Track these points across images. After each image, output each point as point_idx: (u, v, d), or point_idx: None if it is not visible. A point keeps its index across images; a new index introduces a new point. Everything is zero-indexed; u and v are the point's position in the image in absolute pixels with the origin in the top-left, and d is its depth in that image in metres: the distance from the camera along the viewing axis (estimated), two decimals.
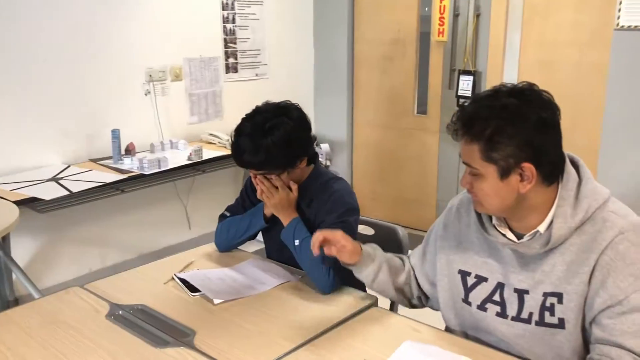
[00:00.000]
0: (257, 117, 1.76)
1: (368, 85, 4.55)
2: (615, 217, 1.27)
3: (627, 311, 1.22)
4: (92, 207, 3.33)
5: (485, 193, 1.31)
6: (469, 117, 1.29)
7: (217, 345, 1.45)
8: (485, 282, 1.42)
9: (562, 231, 1.28)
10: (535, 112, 1.25)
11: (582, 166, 1.34)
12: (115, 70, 3.49)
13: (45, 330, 1.52)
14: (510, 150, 1.24)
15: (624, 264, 1.23)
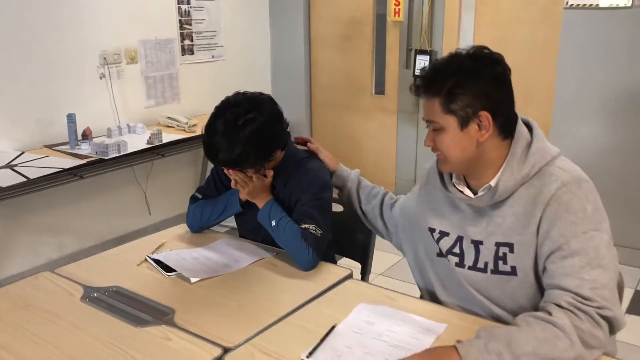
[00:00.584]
0: (227, 113, 1.70)
1: (325, 65, 4.56)
2: (560, 172, 1.36)
3: (567, 255, 1.31)
4: (49, 194, 3.24)
5: (447, 145, 1.41)
6: (429, 75, 1.41)
7: (198, 322, 1.45)
8: (447, 236, 1.53)
9: (508, 183, 1.38)
10: (488, 68, 1.38)
11: (535, 128, 1.44)
12: (68, 53, 3.38)
13: (18, 315, 1.49)
14: (468, 101, 1.36)
15: (566, 213, 1.33)
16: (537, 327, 1.25)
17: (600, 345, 1.25)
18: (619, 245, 3.42)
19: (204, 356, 1.30)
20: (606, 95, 3.39)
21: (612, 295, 1.28)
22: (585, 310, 1.25)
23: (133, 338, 1.39)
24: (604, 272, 1.29)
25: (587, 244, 1.30)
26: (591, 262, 1.29)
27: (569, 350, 1.21)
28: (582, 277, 1.28)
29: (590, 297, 1.26)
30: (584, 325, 1.24)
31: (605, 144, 3.44)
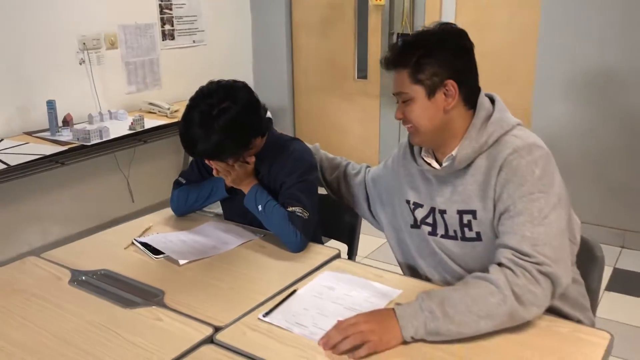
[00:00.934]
0: (202, 104, 1.68)
1: (308, 50, 4.55)
2: (514, 139, 1.42)
3: (513, 215, 1.36)
4: (30, 181, 3.20)
5: (416, 115, 1.46)
6: (398, 48, 1.48)
7: (188, 302, 1.46)
8: (421, 207, 1.59)
9: (466, 150, 1.44)
10: (453, 40, 1.46)
11: (497, 101, 1.51)
12: (46, 38, 3.33)
13: (6, 300, 1.48)
14: (435, 70, 1.43)
15: (515, 177, 1.38)
16: (472, 285, 1.31)
17: (537, 302, 1.28)
18: (597, 224, 3.50)
19: (195, 335, 1.31)
20: (586, 76, 3.43)
21: (555, 253, 1.31)
22: (523, 265, 1.29)
23: (123, 319, 1.39)
24: (547, 231, 1.32)
25: (531, 205, 1.34)
26: (533, 220, 1.33)
27: (501, 305, 1.25)
28: (523, 234, 1.33)
29: (529, 253, 1.30)
30: (519, 280, 1.27)
31: (584, 124, 3.49)
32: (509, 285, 1.27)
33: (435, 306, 1.26)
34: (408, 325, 1.26)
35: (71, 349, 1.27)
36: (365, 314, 1.31)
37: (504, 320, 1.26)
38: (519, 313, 1.27)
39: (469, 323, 1.25)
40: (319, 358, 1.23)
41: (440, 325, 1.25)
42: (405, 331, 1.25)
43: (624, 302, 2.93)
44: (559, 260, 1.31)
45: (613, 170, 3.47)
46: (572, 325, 1.34)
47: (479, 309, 1.25)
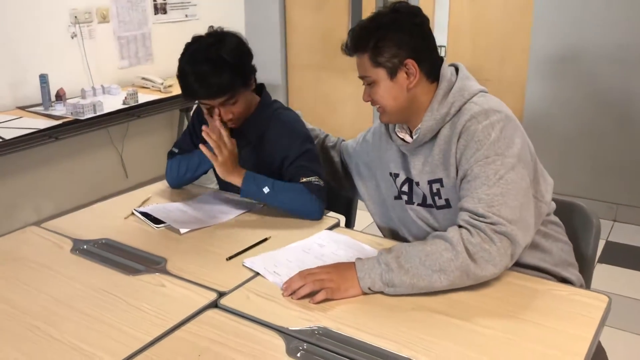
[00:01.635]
0: (194, 49, 1.71)
1: (301, 25, 4.52)
2: (473, 106, 1.44)
3: (471, 179, 1.40)
4: (23, 156, 3.18)
5: (381, 96, 1.49)
6: (355, 33, 1.50)
7: (191, 269, 1.47)
8: (397, 177, 1.64)
9: (429, 123, 1.48)
10: (408, 19, 1.48)
11: (460, 69, 1.53)
12: (38, 11, 3.28)
13: (9, 267, 1.49)
14: (393, 51, 1.45)
15: (472, 142, 1.41)
16: (428, 242, 1.36)
17: (492, 260, 1.30)
18: (590, 198, 3.54)
19: (199, 300, 1.33)
20: (580, 54, 3.44)
21: (512, 213, 1.34)
22: (477, 225, 1.33)
23: (127, 286, 1.40)
24: (503, 191, 1.35)
25: (487, 167, 1.37)
26: (489, 182, 1.36)
27: (454, 260, 1.30)
28: (479, 196, 1.36)
29: (484, 214, 1.34)
30: (473, 239, 1.31)
31: (578, 100, 3.51)
32: (462, 243, 1.32)
33: (391, 259, 1.33)
34: (365, 276, 1.34)
35: (76, 313, 1.28)
36: (328, 265, 1.40)
37: (457, 275, 1.31)
38: (472, 269, 1.30)
39: (422, 276, 1.31)
40: (323, 321, 1.25)
41: (394, 277, 1.32)
42: (362, 282, 1.34)
43: (616, 274, 2.99)
44: (516, 220, 1.34)
45: (605, 145, 3.50)
46: (570, 288, 1.37)
47: (432, 263, 1.31)
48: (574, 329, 1.21)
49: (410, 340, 1.18)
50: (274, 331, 1.22)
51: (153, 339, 1.19)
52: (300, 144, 1.80)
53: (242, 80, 1.74)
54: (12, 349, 1.17)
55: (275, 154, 1.81)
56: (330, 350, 1.16)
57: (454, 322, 1.24)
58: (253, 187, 1.72)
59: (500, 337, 1.19)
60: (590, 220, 1.64)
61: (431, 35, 1.51)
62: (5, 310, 1.30)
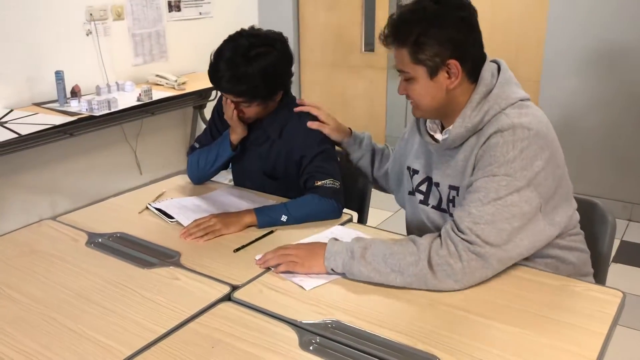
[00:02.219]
0: (241, 40, 1.71)
1: (314, 22, 4.52)
2: (504, 118, 1.35)
3: (472, 190, 1.36)
4: (39, 152, 3.22)
5: (418, 94, 1.42)
6: (395, 24, 1.40)
7: (205, 263, 1.47)
8: (417, 174, 1.59)
9: (459, 130, 1.40)
10: (453, 12, 1.36)
11: (502, 70, 1.43)
12: (53, 8, 3.31)
13: (26, 259, 1.50)
14: (436, 50, 1.36)
15: (487, 156, 1.34)
16: (399, 243, 1.36)
17: (453, 276, 1.29)
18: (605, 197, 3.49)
19: (213, 293, 1.33)
20: (596, 49, 3.41)
21: (497, 235, 1.29)
22: (452, 239, 1.31)
23: (141, 279, 1.41)
24: (495, 212, 1.29)
25: (489, 184, 1.32)
26: (484, 199, 1.31)
27: (413, 265, 1.31)
28: (469, 210, 1.33)
29: (464, 230, 1.31)
30: (441, 250, 1.31)
31: (593, 97, 3.48)
32: (428, 251, 1.31)
33: (358, 248, 1.36)
34: (331, 258, 1.38)
35: (92, 305, 1.30)
36: (305, 243, 1.48)
37: (413, 280, 1.31)
38: (430, 279, 1.30)
39: (380, 271, 1.33)
40: (336, 314, 1.25)
41: (354, 266, 1.35)
42: (327, 262, 1.39)
43: (630, 273, 2.96)
44: (499, 243, 1.29)
45: (621, 144, 3.47)
46: (584, 284, 1.36)
47: (394, 263, 1.32)
48: (588, 325, 1.20)
49: (424, 334, 1.18)
50: (286, 324, 1.22)
51: (167, 330, 1.20)
52: (317, 144, 1.81)
53: (264, 94, 1.74)
54: (30, 340, 1.18)
55: (294, 151, 1.82)
56: (343, 343, 1.16)
57: (470, 317, 1.24)
58: (269, 219, 1.68)
59: (515, 332, 1.18)
60: (606, 218, 1.62)
61: (478, 30, 1.40)
62: (21, 301, 1.32)
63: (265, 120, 1.86)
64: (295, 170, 1.82)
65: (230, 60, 1.68)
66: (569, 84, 3.52)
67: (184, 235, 1.60)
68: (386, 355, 1.12)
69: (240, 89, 1.71)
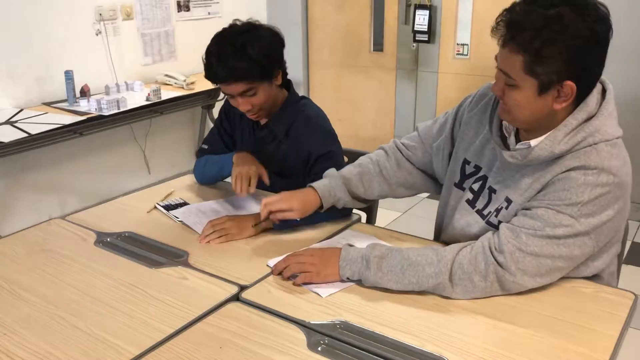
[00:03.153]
0: (224, 33, 1.73)
1: (323, 23, 4.51)
2: (594, 154, 1.22)
3: (530, 215, 1.25)
4: (48, 152, 3.23)
5: (517, 104, 1.25)
6: (518, 23, 1.18)
7: (213, 263, 1.47)
8: (473, 168, 1.46)
9: (544, 152, 1.25)
10: (589, 26, 1.15)
11: (606, 101, 1.27)
12: (63, 8, 3.32)
13: (36, 258, 1.51)
14: (557, 67, 1.17)
15: (561, 187, 1.22)
16: (419, 250, 1.31)
17: (472, 292, 1.26)
18: None
19: (221, 293, 1.33)
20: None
21: (536, 269, 1.23)
22: (486, 257, 1.24)
23: (150, 278, 1.41)
24: (544, 247, 1.22)
25: (551, 217, 1.22)
26: (540, 230, 1.22)
27: (433, 278, 1.27)
28: (519, 235, 1.24)
29: (505, 252, 1.23)
30: (467, 266, 1.25)
31: None
32: (450, 265, 1.26)
33: (374, 258, 1.31)
34: (346, 267, 1.34)
35: (101, 305, 1.30)
36: (315, 249, 1.43)
37: (429, 288, 1.29)
38: (446, 291, 1.27)
39: (397, 282, 1.29)
40: (344, 315, 1.25)
41: (370, 276, 1.31)
42: (342, 271, 1.35)
43: None
44: (534, 274, 1.24)
45: (633, 145, 3.43)
46: (596, 285, 1.34)
47: (411, 274, 1.28)
48: (600, 327, 1.19)
49: (433, 335, 1.17)
50: (295, 325, 1.22)
51: (175, 330, 1.20)
52: (324, 143, 1.80)
53: (263, 72, 1.72)
54: (38, 339, 1.18)
55: (301, 149, 1.82)
56: (352, 344, 1.16)
57: (479, 318, 1.23)
58: (284, 224, 1.64)
59: (526, 334, 1.17)
60: None
61: (606, 49, 1.20)
62: (31, 300, 1.32)
63: (272, 121, 1.86)
64: (303, 169, 1.82)
65: (219, 52, 1.68)
66: None
67: (202, 241, 1.58)
68: (394, 357, 1.12)
69: (238, 74, 1.68)
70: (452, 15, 3.91)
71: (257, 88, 1.73)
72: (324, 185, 1.58)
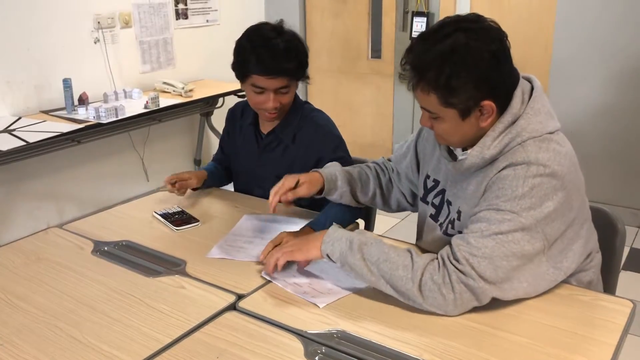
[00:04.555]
0: (264, 28, 1.80)
1: (321, 30, 4.52)
2: (521, 152, 1.26)
3: (474, 220, 1.28)
4: (47, 160, 3.22)
5: (446, 132, 1.33)
6: (420, 64, 1.25)
7: (210, 272, 1.47)
8: (432, 183, 1.51)
9: (475, 159, 1.30)
10: (485, 47, 1.22)
11: (533, 99, 1.30)
12: (61, 16, 3.33)
13: (33, 268, 1.51)
14: (469, 93, 1.23)
15: (497, 186, 1.26)
16: (398, 250, 1.30)
17: (443, 307, 1.24)
18: (614, 204, 3.46)
19: (218, 302, 1.33)
20: (604, 55, 3.39)
21: (494, 272, 1.22)
22: (448, 267, 1.24)
23: (147, 287, 1.41)
24: (494, 246, 1.22)
25: (493, 216, 1.24)
26: (485, 231, 1.23)
27: (403, 281, 1.25)
28: (468, 240, 1.25)
29: (460, 259, 1.23)
30: (435, 278, 1.24)
31: (602, 104, 3.46)
32: (421, 273, 1.24)
33: (357, 241, 1.32)
34: (329, 243, 1.35)
35: (97, 314, 1.29)
36: (295, 232, 1.53)
37: (399, 292, 1.27)
38: (418, 301, 1.25)
39: (371, 272, 1.29)
40: (342, 324, 1.24)
41: (349, 257, 1.31)
42: (324, 245, 1.35)
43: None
44: (495, 280, 1.22)
45: (631, 150, 3.44)
46: (593, 293, 1.34)
47: (385, 270, 1.28)
48: (598, 335, 1.18)
49: (431, 344, 1.17)
50: (292, 334, 1.22)
51: (172, 340, 1.20)
52: (334, 149, 1.83)
53: (303, 72, 1.79)
54: (35, 349, 1.18)
55: (310, 155, 1.83)
56: (349, 354, 1.15)
57: (476, 327, 1.23)
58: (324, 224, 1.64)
59: (523, 343, 1.17)
60: (615, 226, 1.60)
61: (510, 59, 1.27)
62: (27, 310, 1.32)
63: (278, 127, 1.87)
64: None
65: (271, 44, 1.71)
66: (577, 89, 3.51)
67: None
68: None
69: (288, 68, 1.72)
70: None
71: (291, 87, 1.79)
72: (327, 170, 1.65)
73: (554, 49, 3.53)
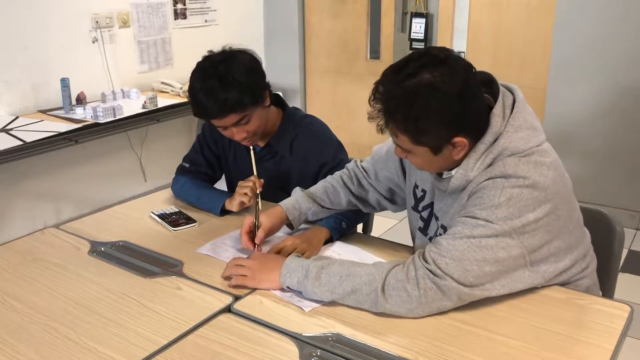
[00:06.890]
0: (205, 66, 1.68)
1: (320, 30, 4.52)
2: (501, 167, 1.25)
3: (450, 226, 1.30)
4: (44, 159, 3.22)
5: (420, 165, 1.35)
6: (387, 109, 1.25)
7: (207, 273, 1.46)
8: (422, 193, 1.50)
9: (459, 182, 1.30)
10: (451, 86, 1.19)
11: (514, 116, 1.27)
12: (59, 15, 3.33)
13: (29, 268, 1.50)
14: (439, 132, 1.24)
15: (475, 197, 1.26)
16: (360, 264, 1.30)
17: (408, 303, 1.22)
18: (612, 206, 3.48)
19: (215, 304, 1.32)
20: (602, 56, 3.39)
21: (463, 275, 1.21)
22: (415, 264, 1.25)
23: (143, 288, 1.40)
24: (465, 249, 1.21)
25: (468, 221, 1.24)
26: (458, 234, 1.24)
27: (367, 285, 1.26)
28: (439, 241, 1.26)
29: (428, 259, 1.24)
30: (400, 274, 1.24)
31: (600, 105, 3.46)
32: (385, 273, 1.25)
33: (314, 268, 1.31)
34: (287, 275, 1.34)
35: (93, 315, 1.29)
36: (262, 255, 1.46)
37: (366, 299, 1.26)
38: (381, 303, 1.24)
39: (334, 292, 1.28)
40: (337, 327, 1.24)
41: (308, 285, 1.30)
42: (283, 278, 1.34)
43: (639, 283, 2.93)
44: (465, 283, 1.21)
45: (629, 152, 3.44)
46: (590, 297, 1.34)
47: (347, 284, 1.27)
48: (594, 339, 1.18)
49: (426, 348, 1.17)
50: (287, 337, 1.21)
51: (168, 342, 1.19)
52: (335, 153, 1.83)
53: (253, 97, 1.68)
54: (29, 350, 1.18)
55: (310, 163, 1.83)
56: (344, 357, 1.15)
57: (473, 330, 1.22)
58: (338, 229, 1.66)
59: (520, 347, 1.17)
60: (614, 229, 1.60)
61: (478, 91, 1.25)
62: (22, 310, 1.31)
63: (272, 139, 1.85)
64: (310, 182, 1.76)
65: (205, 87, 1.63)
66: (576, 91, 3.51)
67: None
68: None
69: (230, 105, 1.64)
70: (449, 23, 3.93)
71: (250, 115, 1.70)
72: (288, 201, 1.64)
73: (553, 50, 3.53)
